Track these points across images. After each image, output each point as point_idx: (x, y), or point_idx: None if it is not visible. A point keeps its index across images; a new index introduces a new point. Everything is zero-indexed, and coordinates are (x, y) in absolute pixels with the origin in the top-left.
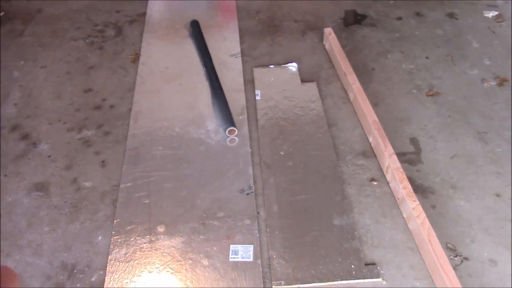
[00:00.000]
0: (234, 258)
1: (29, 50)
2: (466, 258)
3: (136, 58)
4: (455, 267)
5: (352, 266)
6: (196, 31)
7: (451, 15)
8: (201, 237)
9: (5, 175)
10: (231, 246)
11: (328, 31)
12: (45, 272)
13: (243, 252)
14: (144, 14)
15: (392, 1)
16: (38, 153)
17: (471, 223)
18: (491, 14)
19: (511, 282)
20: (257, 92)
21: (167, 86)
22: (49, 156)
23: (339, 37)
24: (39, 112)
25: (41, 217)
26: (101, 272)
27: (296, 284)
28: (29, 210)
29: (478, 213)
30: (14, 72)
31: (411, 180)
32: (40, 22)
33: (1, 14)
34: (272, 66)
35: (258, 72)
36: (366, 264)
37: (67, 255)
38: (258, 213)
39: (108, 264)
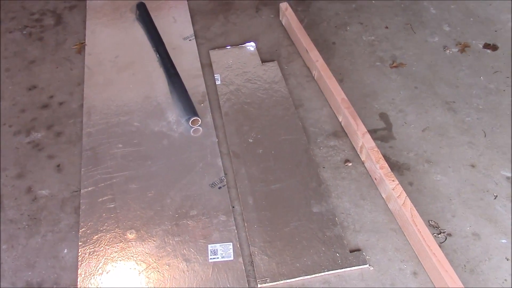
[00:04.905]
0: (214, 258)
1: None
2: (449, 234)
3: (81, 48)
4: (440, 245)
5: (337, 255)
6: (144, 14)
7: None
8: (176, 239)
9: None
10: (209, 246)
11: (285, 6)
12: None
13: (222, 251)
14: None
15: None
16: None
17: (450, 198)
18: None
19: (494, 255)
20: (217, 76)
21: (119, 77)
22: None
23: (294, 11)
24: None
25: None
26: None
27: (282, 280)
28: None
29: (456, 187)
30: None
31: (385, 158)
32: None
33: None
34: (229, 47)
35: (215, 55)
36: (351, 251)
37: (31, 274)
38: (233, 207)
39: (78, 279)
